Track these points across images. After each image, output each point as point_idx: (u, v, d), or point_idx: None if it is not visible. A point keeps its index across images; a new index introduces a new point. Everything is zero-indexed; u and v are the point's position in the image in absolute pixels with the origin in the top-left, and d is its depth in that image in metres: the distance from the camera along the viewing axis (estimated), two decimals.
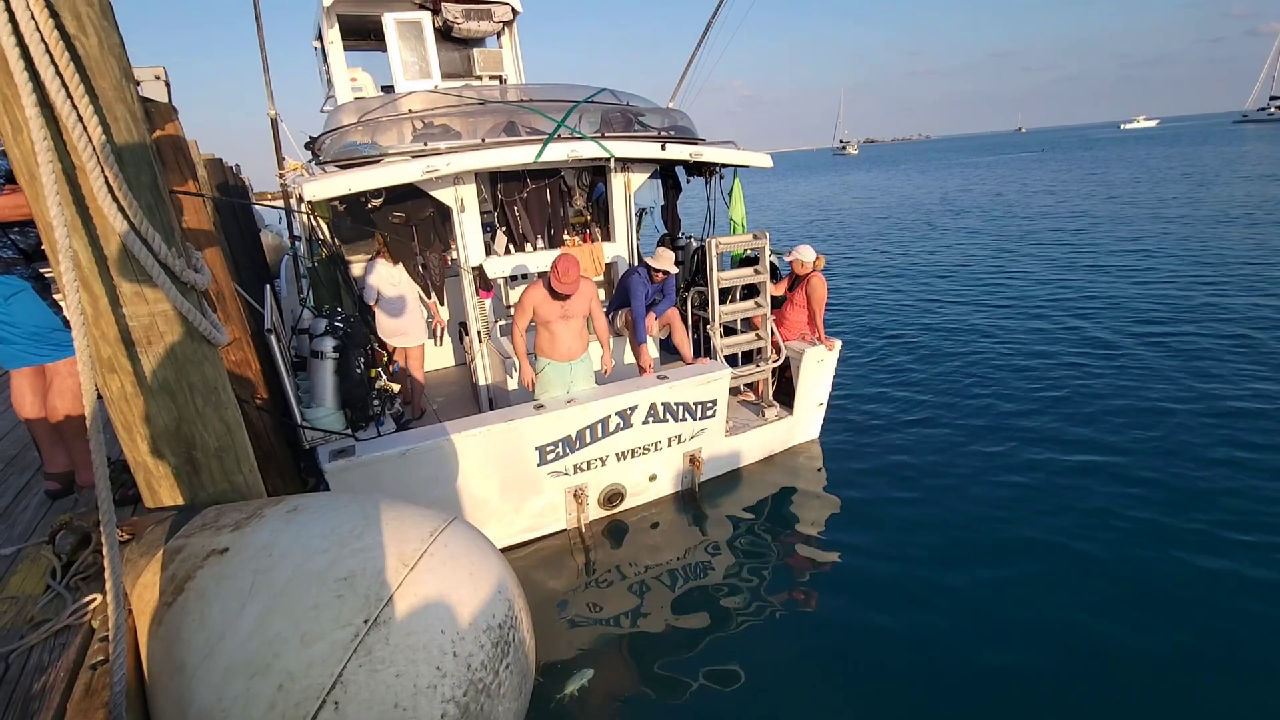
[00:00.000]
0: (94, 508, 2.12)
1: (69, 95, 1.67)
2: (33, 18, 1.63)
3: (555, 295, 4.30)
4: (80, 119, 1.70)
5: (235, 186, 8.38)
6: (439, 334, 6.72)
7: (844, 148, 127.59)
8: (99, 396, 1.72)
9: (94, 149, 1.72)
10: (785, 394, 5.60)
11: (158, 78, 7.12)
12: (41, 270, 2.62)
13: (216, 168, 6.95)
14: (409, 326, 5.27)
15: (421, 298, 5.67)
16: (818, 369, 5.44)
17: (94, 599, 1.86)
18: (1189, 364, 7.20)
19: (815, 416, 5.80)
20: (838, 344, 5.44)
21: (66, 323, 2.55)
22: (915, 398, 6.86)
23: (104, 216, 1.77)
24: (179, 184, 3.44)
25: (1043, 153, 68.24)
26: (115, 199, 1.77)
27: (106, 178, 1.75)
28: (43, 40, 1.62)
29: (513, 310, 6.34)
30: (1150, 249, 13.47)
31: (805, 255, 5.35)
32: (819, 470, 5.51)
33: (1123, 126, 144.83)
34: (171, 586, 1.67)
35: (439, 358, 6.73)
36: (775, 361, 5.41)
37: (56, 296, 2.59)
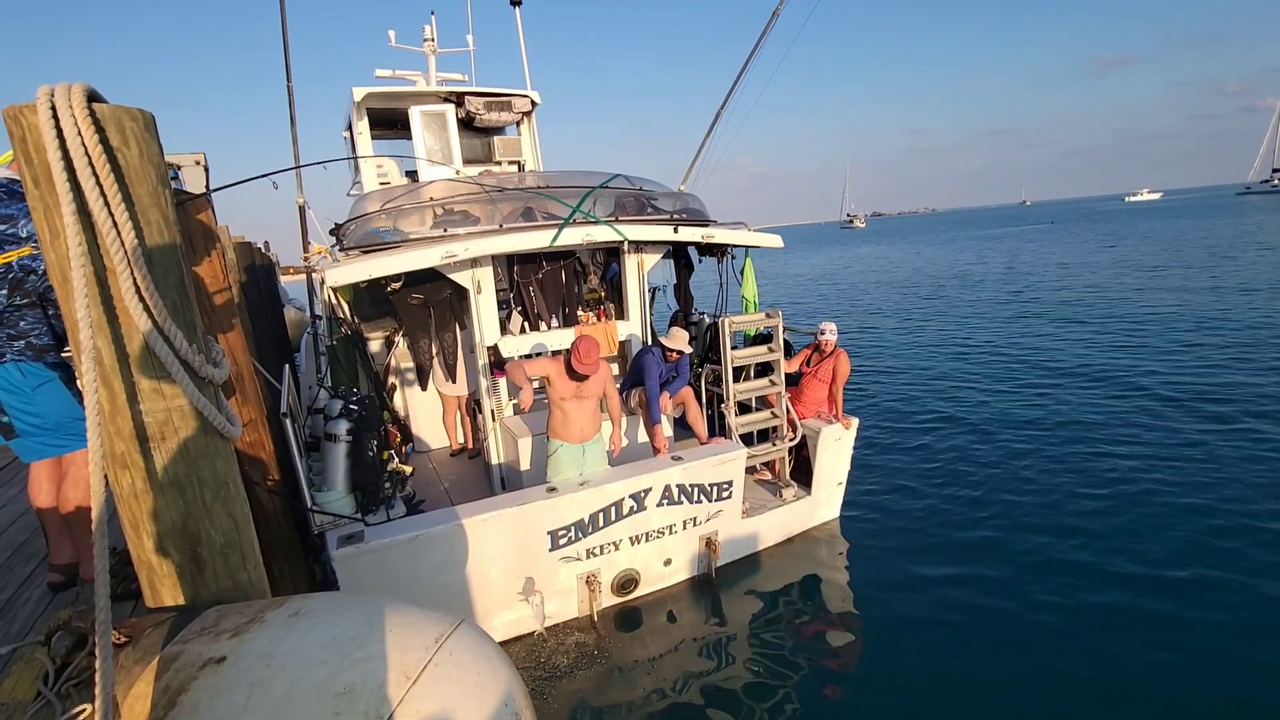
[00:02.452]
0: (93, 608, 2.07)
1: (106, 204, 1.74)
2: (79, 134, 1.72)
3: (573, 375, 4.32)
4: (115, 225, 1.76)
5: (262, 266, 8.68)
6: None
7: (851, 221, 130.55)
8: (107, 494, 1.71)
9: (125, 252, 1.78)
10: (803, 473, 5.48)
11: (198, 163, 7.55)
12: (66, 355, 2.66)
13: (245, 250, 7.20)
14: (454, 379, 6.03)
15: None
16: (836, 447, 5.34)
17: (83, 710, 1.77)
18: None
19: (835, 496, 5.65)
20: (855, 421, 5.37)
21: None
22: (935, 476, 6.68)
23: (129, 316, 1.81)
24: (208, 271, 3.56)
25: (1052, 225, 68.86)
26: (142, 299, 1.81)
27: (135, 279, 1.80)
28: (86, 154, 1.71)
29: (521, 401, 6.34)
30: (1194, 325, 12.79)
31: (833, 330, 5.38)
32: (840, 554, 5.31)
33: (1127, 199, 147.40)
34: (164, 699, 1.59)
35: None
36: (792, 440, 5.33)
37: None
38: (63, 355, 2.66)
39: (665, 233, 5.28)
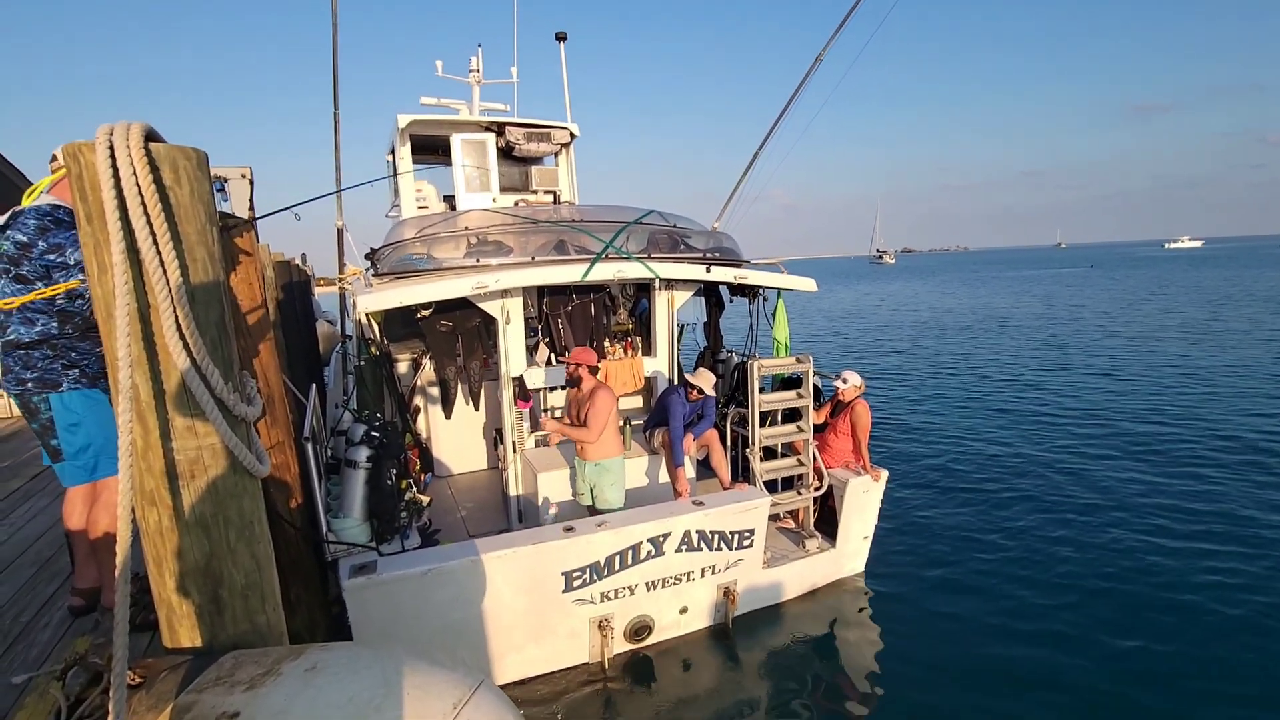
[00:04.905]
0: (109, 643, 2.05)
1: (155, 242, 1.76)
2: (134, 172, 1.75)
3: (570, 383, 4.69)
4: (162, 263, 1.77)
5: (299, 282, 8.86)
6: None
7: (881, 256, 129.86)
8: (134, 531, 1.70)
9: (170, 290, 1.78)
10: (827, 524, 5.32)
11: (244, 176, 7.77)
12: None
13: (283, 269, 7.36)
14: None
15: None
16: (863, 499, 5.19)
17: None
18: None
19: (860, 550, 5.47)
20: (884, 474, 5.22)
21: None
22: (968, 534, 6.45)
23: (169, 353, 1.81)
24: (247, 293, 3.61)
25: (1091, 269, 67.45)
26: (182, 337, 1.82)
27: (177, 316, 1.80)
28: (139, 193, 1.73)
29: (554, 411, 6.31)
30: (1260, 388, 11.85)
31: (854, 379, 5.26)
32: (863, 612, 5.12)
33: (1167, 245, 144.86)
34: None
35: (472, 460, 6.70)
36: (818, 489, 5.19)
37: None
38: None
39: (697, 272, 5.26)
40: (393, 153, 8.05)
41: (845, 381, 5.25)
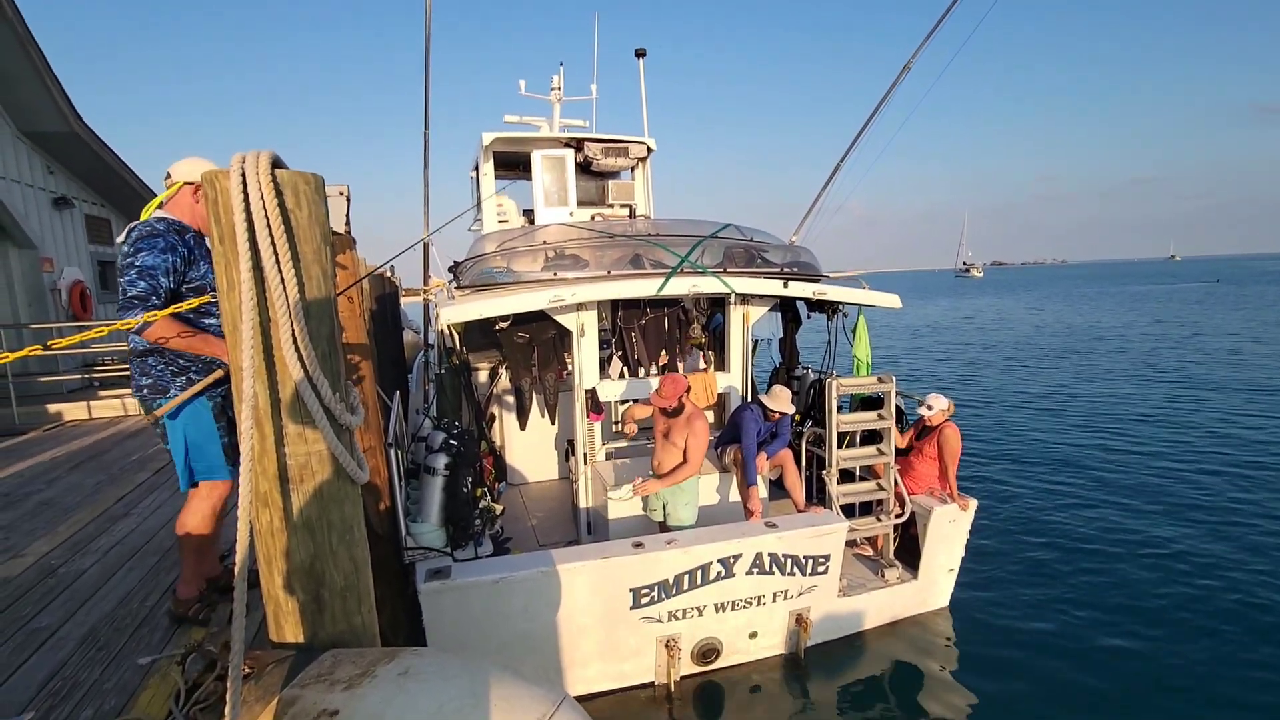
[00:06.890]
0: (221, 632, 2.20)
1: (277, 261, 1.90)
2: (261, 196, 1.89)
3: (663, 411, 4.55)
4: (282, 280, 1.90)
5: (389, 293, 9.34)
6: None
7: (968, 270, 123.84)
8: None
9: (288, 306, 1.91)
10: (909, 553, 5.08)
11: (341, 193, 8.27)
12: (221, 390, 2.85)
13: (377, 281, 7.79)
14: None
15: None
16: (949, 530, 4.92)
17: None
18: None
19: (945, 583, 5.19)
20: (973, 503, 4.93)
21: (227, 448, 2.71)
22: (1064, 575, 6.00)
23: (284, 364, 1.94)
24: (346, 307, 3.83)
25: (1217, 283, 60.59)
26: (297, 349, 1.94)
27: (294, 330, 1.93)
28: (266, 217, 1.87)
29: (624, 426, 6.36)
30: None
31: (939, 404, 5.02)
32: (946, 648, 4.85)
33: None
34: None
35: (544, 469, 6.82)
36: (899, 516, 4.96)
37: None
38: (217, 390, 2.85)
39: (774, 287, 5.17)
40: (476, 169, 8.39)
41: (930, 407, 5.02)
